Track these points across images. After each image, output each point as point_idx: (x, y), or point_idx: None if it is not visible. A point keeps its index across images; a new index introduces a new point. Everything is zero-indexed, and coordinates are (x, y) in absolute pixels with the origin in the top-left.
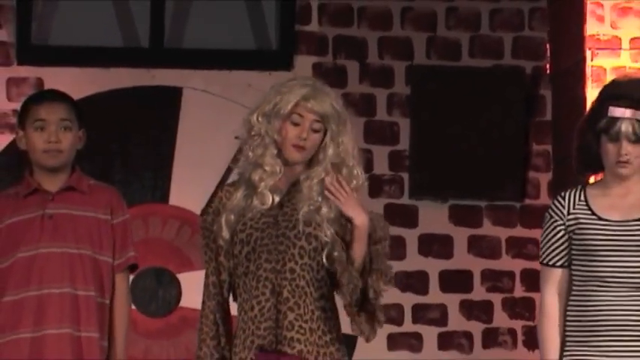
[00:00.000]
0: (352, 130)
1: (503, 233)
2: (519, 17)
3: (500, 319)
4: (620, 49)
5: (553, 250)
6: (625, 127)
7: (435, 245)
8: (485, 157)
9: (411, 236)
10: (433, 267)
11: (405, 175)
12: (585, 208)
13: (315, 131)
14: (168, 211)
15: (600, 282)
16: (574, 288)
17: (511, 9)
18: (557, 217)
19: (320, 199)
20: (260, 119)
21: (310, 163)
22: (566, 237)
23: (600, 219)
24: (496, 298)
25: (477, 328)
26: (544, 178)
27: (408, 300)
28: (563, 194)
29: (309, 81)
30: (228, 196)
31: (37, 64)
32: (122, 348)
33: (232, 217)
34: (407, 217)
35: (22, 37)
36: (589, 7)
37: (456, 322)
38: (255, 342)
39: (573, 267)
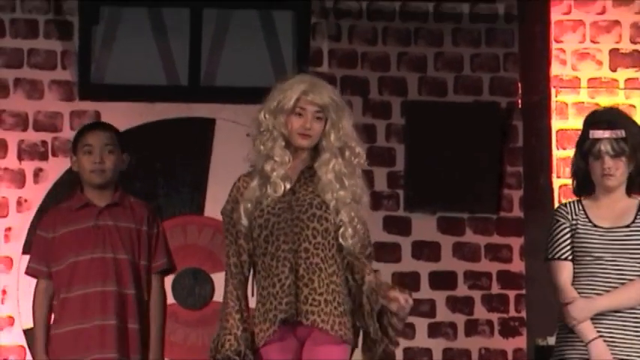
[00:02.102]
0: (350, 115)
1: (482, 240)
2: (495, 60)
3: (480, 312)
4: (580, 87)
5: (562, 247)
6: (604, 146)
7: (426, 250)
8: (467, 177)
9: (405, 243)
10: (424, 268)
11: (401, 192)
12: (583, 215)
13: (318, 119)
14: (204, 221)
15: (593, 277)
16: (578, 285)
17: (488, 53)
18: (563, 220)
19: (337, 185)
20: (267, 116)
21: (315, 150)
22: (571, 236)
23: (595, 225)
24: (476, 295)
25: (460, 319)
26: (516, 195)
27: None
28: (565, 204)
29: (307, 77)
30: (245, 186)
31: (96, 99)
32: (158, 337)
33: (249, 205)
34: (402, 226)
35: (82, 77)
36: (553, 52)
37: (443, 314)
38: (277, 316)
39: (575, 266)
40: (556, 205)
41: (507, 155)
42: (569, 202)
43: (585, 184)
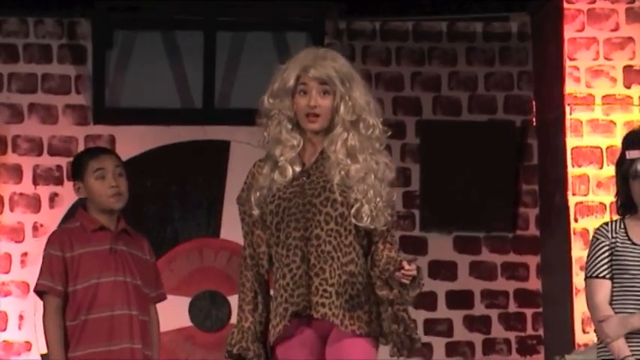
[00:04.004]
0: (363, 85)
1: (498, 259)
2: (509, 79)
3: (497, 331)
4: (594, 104)
5: (601, 265)
6: None
7: (442, 270)
8: (482, 196)
9: (421, 263)
10: (441, 288)
11: (416, 212)
12: (624, 234)
13: (325, 93)
14: (220, 243)
15: (633, 296)
16: (613, 302)
17: (502, 72)
18: (603, 239)
19: (349, 161)
20: (271, 100)
21: (330, 129)
22: (610, 254)
23: (634, 243)
24: (493, 313)
25: (477, 338)
26: (532, 213)
27: (420, 315)
28: (607, 222)
29: (310, 51)
30: (260, 171)
31: (110, 123)
32: None
33: (258, 194)
34: (418, 246)
35: (97, 101)
36: (567, 69)
37: (460, 333)
38: (289, 309)
39: (613, 283)
40: (572, 223)
41: (522, 173)
42: (611, 221)
43: (629, 204)
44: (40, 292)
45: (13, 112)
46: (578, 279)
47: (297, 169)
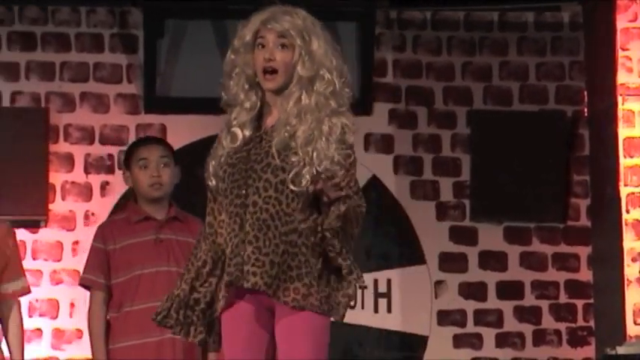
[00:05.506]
0: (326, 39)
1: (549, 250)
2: (561, 69)
3: (548, 322)
4: None
5: None
6: None
7: (492, 260)
8: (533, 186)
9: (472, 253)
10: (491, 278)
11: (467, 202)
12: None
13: (283, 47)
14: None
15: None
16: None
17: (554, 62)
18: None
19: (296, 121)
20: (232, 56)
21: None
22: None
23: None
24: (544, 304)
25: (528, 329)
26: (583, 204)
27: (470, 306)
28: None
29: (273, 7)
30: (222, 136)
31: (161, 112)
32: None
33: (214, 162)
34: (468, 237)
35: (148, 90)
36: (620, 59)
37: (511, 324)
38: (225, 279)
39: None
40: (623, 214)
41: (574, 164)
42: None
43: None
44: (84, 286)
45: (65, 101)
46: (630, 270)
47: (248, 133)
